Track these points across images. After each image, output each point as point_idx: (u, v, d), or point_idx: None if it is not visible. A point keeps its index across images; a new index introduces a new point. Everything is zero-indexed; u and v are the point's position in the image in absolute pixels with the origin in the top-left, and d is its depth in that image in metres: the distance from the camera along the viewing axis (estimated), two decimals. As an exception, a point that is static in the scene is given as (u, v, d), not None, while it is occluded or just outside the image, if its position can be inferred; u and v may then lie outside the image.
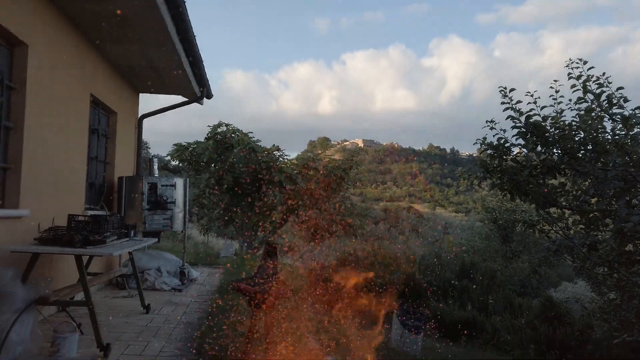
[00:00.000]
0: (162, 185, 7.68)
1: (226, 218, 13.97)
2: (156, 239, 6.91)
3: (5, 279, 3.81)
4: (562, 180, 5.38)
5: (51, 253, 4.51)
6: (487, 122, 5.49)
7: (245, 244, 14.30)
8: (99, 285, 7.04)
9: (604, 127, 5.04)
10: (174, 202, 7.75)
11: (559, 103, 5.33)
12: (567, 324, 6.91)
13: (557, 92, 5.30)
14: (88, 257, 5.23)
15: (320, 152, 15.61)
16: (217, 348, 4.26)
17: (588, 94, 5.10)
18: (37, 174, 5.01)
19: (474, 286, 8.59)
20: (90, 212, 6.42)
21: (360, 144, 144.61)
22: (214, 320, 5.34)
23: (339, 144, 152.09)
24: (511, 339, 6.46)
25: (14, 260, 4.21)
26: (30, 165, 4.83)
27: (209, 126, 14.23)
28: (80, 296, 4.93)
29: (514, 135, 5.38)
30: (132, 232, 5.62)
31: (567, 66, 5.25)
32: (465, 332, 6.82)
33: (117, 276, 6.84)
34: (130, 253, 5.79)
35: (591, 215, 4.90)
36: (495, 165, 5.49)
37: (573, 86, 5.23)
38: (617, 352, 5.83)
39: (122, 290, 7.13)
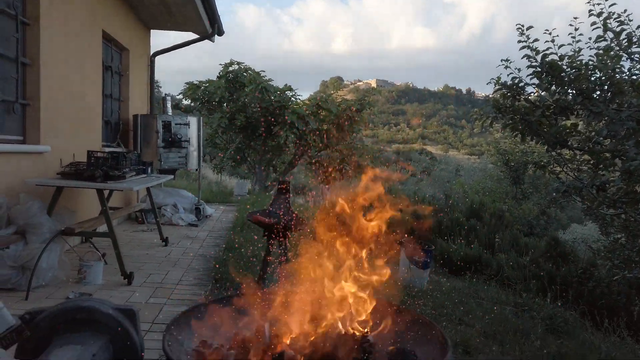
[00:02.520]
0: (176, 124, 7.78)
1: (238, 157, 14.15)
2: (172, 176, 7.10)
3: (33, 210, 4.02)
4: (575, 121, 5.36)
5: (75, 187, 4.70)
6: (502, 60, 5.41)
7: (258, 183, 14.55)
8: (119, 220, 7.33)
9: (622, 67, 4.95)
10: (188, 141, 7.87)
11: (578, 42, 5.20)
12: (571, 262, 7.10)
13: (576, 29, 5.15)
14: (108, 192, 5.43)
15: (332, 92, 15.45)
16: (233, 275, 4.52)
17: (608, 32, 4.96)
18: (55, 111, 5.12)
19: (482, 225, 8.78)
20: (107, 149, 6.59)
21: (374, 84, 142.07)
22: (230, 252, 5.60)
23: (352, 84, 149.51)
24: (514, 274, 6.69)
25: (38, 193, 4.41)
26: (48, 102, 4.93)
27: (220, 65, 14.09)
28: (102, 229, 5.18)
29: (528, 75, 5.31)
30: (149, 168, 5.79)
31: (588, 2, 5.08)
32: (472, 268, 7.06)
33: (136, 211, 7.10)
34: (147, 189, 5.99)
35: (601, 155, 4.92)
36: (507, 105, 5.46)
37: (593, 24, 5.08)
38: (618, 289, 6.03)
39: (140, 224, 7.43)
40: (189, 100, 14.78)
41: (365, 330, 2.06)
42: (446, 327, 4.03)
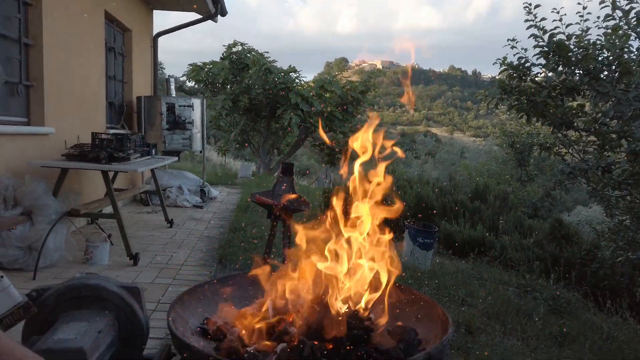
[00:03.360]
0: (179, 106, 7.76)
1: (243, 138, 14.15)
2: (176, 158, 7.11)
3: (38, 191, 4.05)
4: (581, 101, 5.31)
5: (80, 169, 4.72)
6: (508, 40, 5.34)
7: (262, 165, 14.57)
8: (124, 201, 7.37)
9: (630, 47, 4.88)
10: (192, 123, 7.86)
11: (586, 21, 5.12)
12: (575, 244, 7.08)
13: (584, 8, 5.07)
14: (113, 173, 5.45)
15: (337, 73, 15.34)
16: (238, 256, 4.56)
17: (616, 11, 4.89)
18: (59, 92, 5.12)
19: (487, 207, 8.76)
20: (111, 131, 6.59)
21: (379, 66, 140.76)
22: (234, 233, 5.63)
23: (357, 65, 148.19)
24: (518, 256, 6.69)
25: (43, 175, 4.43)
26: (51, 83, 4.93)
27: (224, 46, 14.01)
28: (107, 210, 5.22)
29: (535, 55, 5.24)
30: (154, 150, 5.80)
31: (597, -20, 4.99)
32: (475, 250, 7.06)
33: (141, 192, 7.13)
34: (152, 171, 6.00)
35: (607, 136, 4.89)
36: (513, 86, 5.40)
37: (602, 2, 4.99)
38: (621, 270, 6.03)
39: (146, 206, 7.47)
40: (193, 82, 14.75)
41: (367, 308, 2.08)
42: (449, 307, 4.06)
